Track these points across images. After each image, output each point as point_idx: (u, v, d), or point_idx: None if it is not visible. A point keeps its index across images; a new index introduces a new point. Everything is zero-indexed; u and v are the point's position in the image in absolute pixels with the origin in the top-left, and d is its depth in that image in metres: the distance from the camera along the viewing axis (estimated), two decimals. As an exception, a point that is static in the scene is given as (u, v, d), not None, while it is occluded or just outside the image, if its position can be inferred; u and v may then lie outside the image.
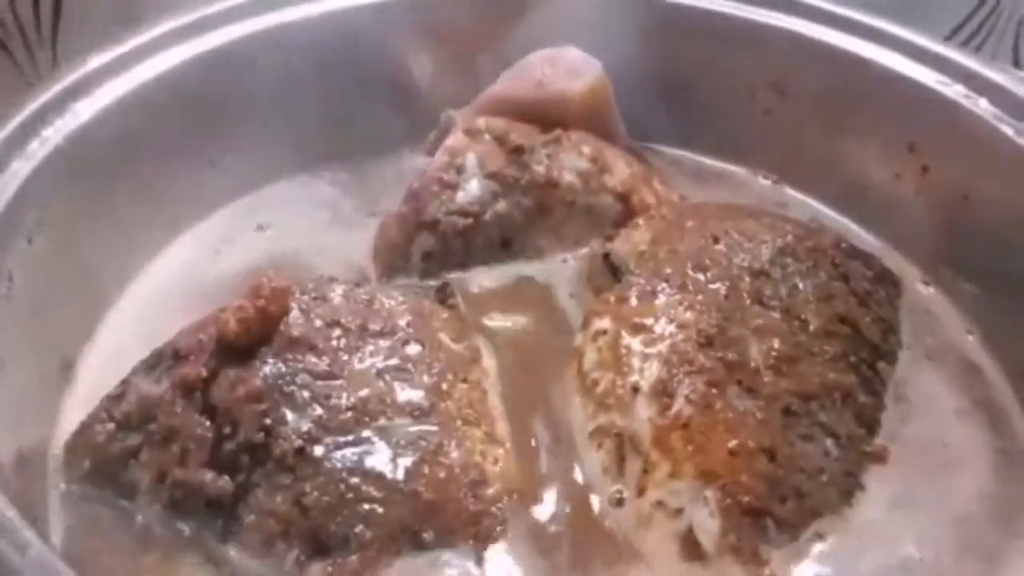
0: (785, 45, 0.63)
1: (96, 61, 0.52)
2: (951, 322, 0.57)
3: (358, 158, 0.68)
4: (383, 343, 0.48)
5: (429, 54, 0.69)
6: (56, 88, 0.49)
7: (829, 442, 0.46)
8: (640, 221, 0.57)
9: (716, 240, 0.53)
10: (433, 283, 0.57)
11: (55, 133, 0.47)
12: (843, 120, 0.63)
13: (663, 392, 0.46)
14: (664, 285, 0.50)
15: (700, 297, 0.50)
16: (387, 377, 0.47)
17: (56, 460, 0.45)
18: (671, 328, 0.48)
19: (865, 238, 0.62)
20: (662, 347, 0.47)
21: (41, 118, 0.47)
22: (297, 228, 0.62)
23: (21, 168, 0.45)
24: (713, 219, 0.56)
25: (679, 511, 0.43)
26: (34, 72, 0.66)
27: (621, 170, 0.60)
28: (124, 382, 0.46)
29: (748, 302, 0.50)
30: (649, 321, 0.49)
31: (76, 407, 0.47)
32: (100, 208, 0.51)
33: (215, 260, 0.58)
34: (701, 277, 0.51)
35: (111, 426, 0.45)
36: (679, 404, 0.45)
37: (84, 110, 0.50)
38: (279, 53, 0.62)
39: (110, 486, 0.44)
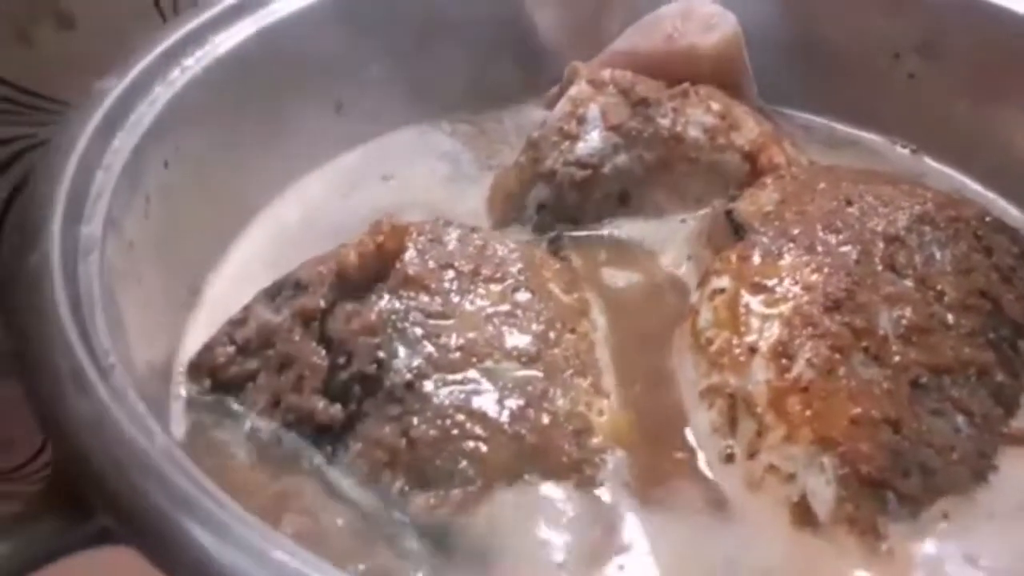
0: (937, 2, 0.59)
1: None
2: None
3: (479, 110, 0.68)
4: (494, 288, 0.48)
5: (556, 6, 0.68)
6: (197, 20, 0.51)
7: (961, 419, 0.44)
8: (768, 181, 0.54)
9: (849, 203, 0.50)
10: (546, 236, 0.57)
11: (195, 63, 0.49)
12: (997, 86, 0.58)
13: (783, 354, 0.44)
14: (791, 245, 0.48)
15: (829, 260, 0.47)
16: (496, 321, 0.47)
17: (180, 376, 0.47)
18: (796, 289, 0.46)
19: (1013, 214, 0.58)
20: (784, 308, 0.45)
21: (182, 48, 0.49)
22: (418, 180, 0.62)
23: (162, 94, 0.47)
24: (847, 182, 0.53)
25: (792, 476, 0.41)
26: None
27: (750, 128, 0.58)
28: (246, 308, 0.48)
29: (880, 268, 0.47)
30: (772, 281, 0.47)
31: (201, 328, 0.49)
32: (232, 140, 0.52)
33: (341, 203, 0.59)
34: (831, 239, 0.48)
35: (231, 349, 0.46)
36: (799, 367, 0.43)
37: (223, 42, 0.51)
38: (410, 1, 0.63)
39: (229, 402, 0.45)
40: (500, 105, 0.68)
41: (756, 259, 0.48)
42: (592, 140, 0.56)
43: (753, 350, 0.45)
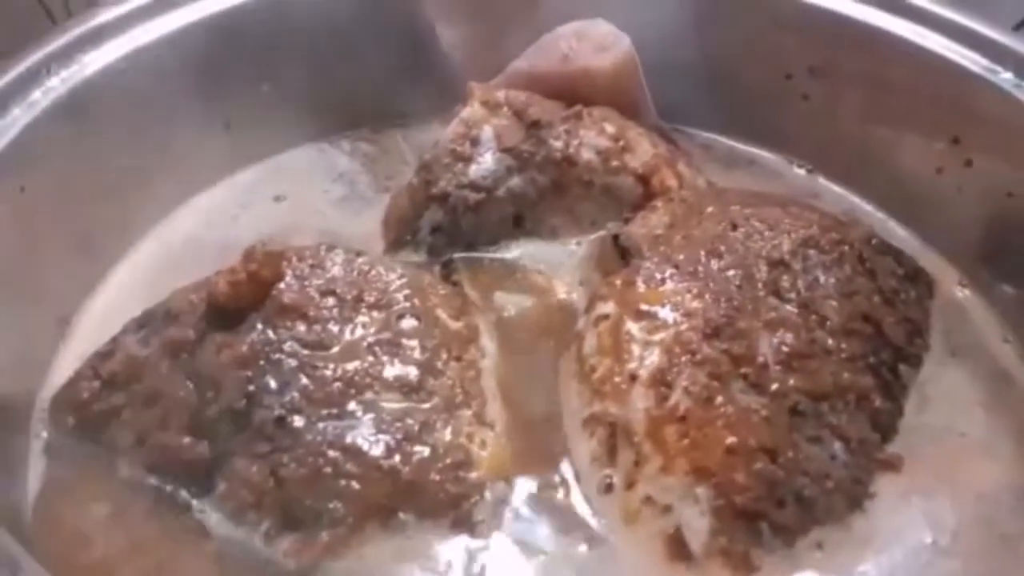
0: (828, 26, 0.60)
1: (109, 13, 0.51)
2: (987, 327, 0.54)
3: (381, 129, 0.66)
4: (377, 315, 0.47)
5: (458, 25, 0.67)
6: (64, 38, 0.48)
7: (838, 446, 0.44)
8: (658, 204, 0.54)
9: (734, 227, 0.50)
10: (439, 259, 0.55)
11: (60, 84, 0.47)
12: (884, 108, 0.59)
13: (661, 382, 0.43)
14: (673, 271, 0.48)
15: (711, 285, 0.47)
16: (378, 350, 0.45)
17: (42, 414, 0.45)
18: (676, 316, 0.46)
19: (901, 234, 0.59)
20: (665, 335, 0.45)
21: (46, 67, 0.47)
22: (312, 201, 0.61)
23: (20, 117, 0.44)
24: (735, 205, 0.53)
25: (668, 508, 0.41)
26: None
27: (644, 150, 0.57)
28: (114, 340, 0.46)
29: (763, 293, 0.47)
30: (654, 308, 0.46)
31: (70, 361, 0.47)
32: (106, 163, 0.50)
33: (229, 225, 0.58)
34: (714, 264, 0.48)
35: (96, 384, 0.44)
36: (677, 395, 0.43)
37: (92, 62, 0.49)
38: (305, 17, 0.61)
39: (92, 442, 0.43)
40: (403, 124, 0.67)
41: (640, 285, 0.48)
42: (485, 162, 0.56)
43: (634, 378, 0.44)
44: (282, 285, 0.46)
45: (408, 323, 0.47)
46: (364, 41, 0.64)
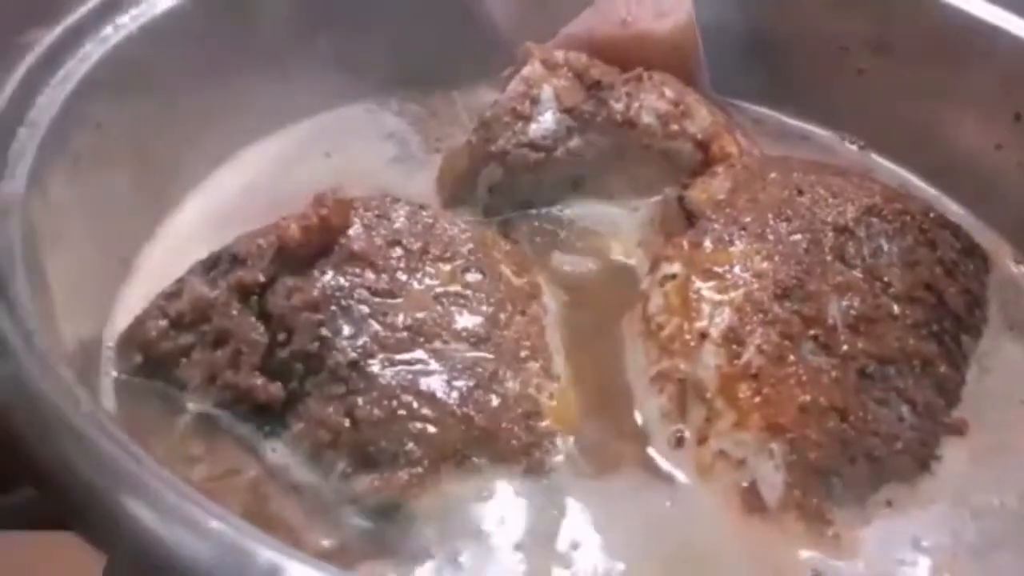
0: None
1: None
2: (1043, 303, 0.54)
3: (429, 90, 0.66)
4: (443, 267, 0.47)
5: (511, -12, 0.67)
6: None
7: (905, 409, 0.44)
8: (719, 169, 0.54)
9: (800, 192, 0.50)
10: (496, 218, 0.55)
11: (130, 21, 0.46)
12: (945, 84, 0.59)
13: (733, 340, 0.44)
14: (742, 233, 0.48)
15: (779, 248, 0.47)
16: (445, 301, 0.45)
17: (109, 352, 0.44)
18: (746, 276, 0.46)
19: (955, 210, 0.59)
20: (735, 295, 0.45)
21: (117, 3, 0.46)
22: (363, 159, 0.60)
23: (93, 51, 0.44)
24: (798, 172, 0.53)
25: (742, 462, 0.41)
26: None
27: (703, 117, 0.57)
28: (180, 281, 0.45)
29: (829, 258, 0.47)
30: (723, 268, 0.47)
31: (132, 301, 0.47)
32: (172, 106, 0.50)
33: (282, 177, 0.57)
34: (782, 228, 0.48)
35: (164, 323, 0.44)
36: (749, 353, 0.43)
37: (160, 2, 0.48)
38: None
39: (160, 380, 0.43)
40: (451, 86, 0.66)
41: (707, 246, 0.48)
42: (545, 122, 0.55)
43: (704, 336, 0.44)
44: (351, 233, 0.46)
45: (473, 276, 0.47)
46: (415, 2, 0.64)
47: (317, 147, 0.60)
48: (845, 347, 0.44)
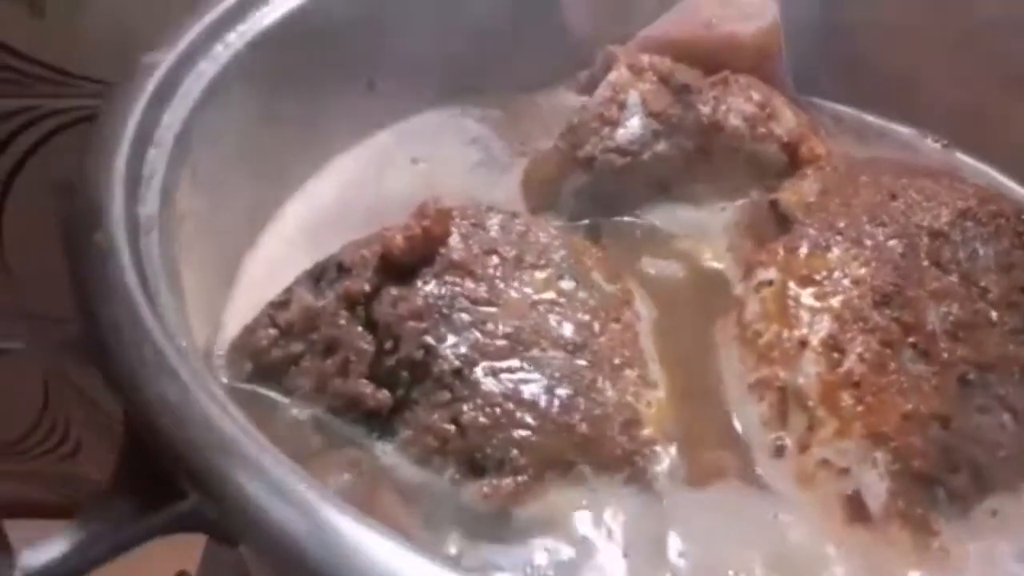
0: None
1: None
2: None
3: (509, 93, 0.67)
4: (538, 275, 0.48)
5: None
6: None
7: (1006, 417, 0.44)
8: (809, 171, 0.54)
9: (894, 196, 0.50)
10: (583, 223, 0.56)
11: (237, 39, 0.48)
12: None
13: (834, 347, 0.44)
14: (838, 238, 0.48)
15: (876, 253, 0.47)
16: (541, 309, 0.46)
17: (219, 360, 0.46)
18: (845, 283, 0.46)
19: (1048, 211, 0.58)
20: (834, 302, 0.45)
21: (225, 23, 0.48)
22: (449, 164, 0.61)
23: (207, 70, 0.46)
24: (888, 175, 0.53)
25: (845, 471, 0.41)
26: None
27: (789, 118, 0.57)
28: (288, 291, 0.47)
29: (925, 263, 0.47)
30: (821, 274, 0.47)
31: (239, 310, 0.48)
32: (272, 116, 0.51)
33: (374, 185, 0.58)
34: (877, 233, 0.48)
35: (274, 332, 0.46)
36: (851, 361, 0.43)
37: (263, 18, 0.50)
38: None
39: (271, 387, 0.45)
40: (531, 89, 0.67)
41: (803, 251, 0.48)
42: (632, 127, 0.56)
43: (803, 343, 0.45)
44: (450, 242, 0.47)
45: (567, 284, 0.48)
46: (495, 5, 0.64)
47: (404, 153, 0.61)
48: (945, 354, 0.44)
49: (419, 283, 0.45)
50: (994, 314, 0.46)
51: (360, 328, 0.45)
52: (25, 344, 0.85)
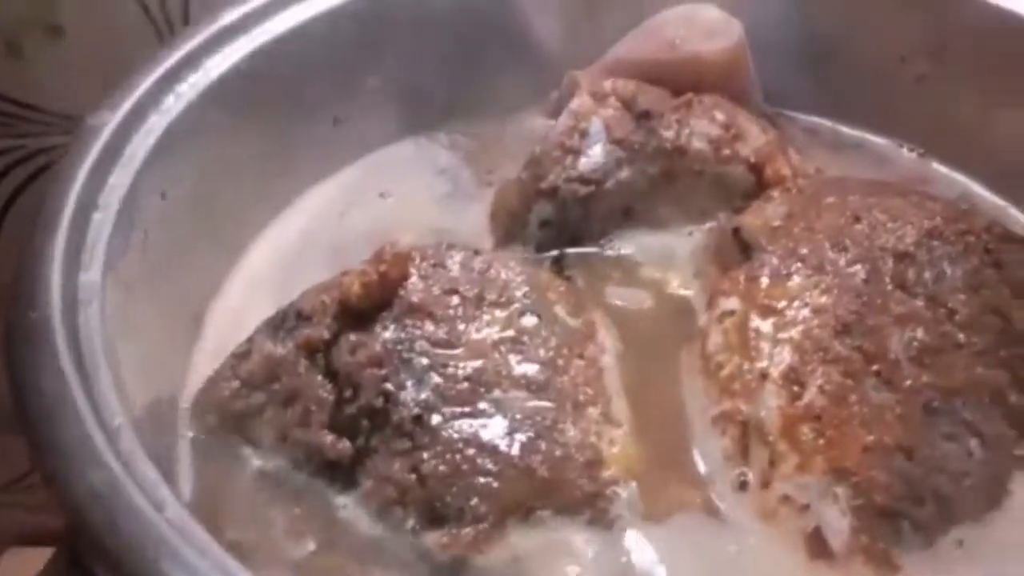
0: (945, 4, 0.58)
1: (226, 18, 0.52)
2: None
3: (477, 120, 0.66)
4: (499, 313, 0.47)
5: (553, 11, 0.66)
6: (189, 44, 0.49)
7: (974, 443, 0.43)
8: (774, 194, 0.53)
9: (858, 219, 0.50)
10: (549, 254, 0.56)
11: (189, 88, 0.48)
12: (1006, 89, 0.57)
13: (794, 380, 0.43)
14: (799, 265, 0.48)
15: (838, 280, 0.47)
16: (503, 348, 0.46)
17: (185, 412, 0.46)
18: (805, 312, 0.46)
19: (1022, 221, 0.57)
20: (794, 332, 0.45)
21: (176, 73, 0.48)
22: (416, 197, 0.61)
23: (157, 124, 0.46)
24: (855, 195, 0.52)
25: (806, 507, 0.41)
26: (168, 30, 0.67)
27: (756, 137, 0.57)
28: (249, 340, 0.47)
29: (890, 287, 0.47)
30: (781, 304, 0.46)
31: (205, 360, 0.49)
32: (230, 161, 0.51)
33: (339, 221, 0.58)
34: (840, 259, 0.48)
35: (236, 384, 0.46)
36: (811, 394, 0.43)
37: (217, 65, 0.50)
38: (403, 10, 0.61)
39: (235, 438, 0.45)
40: (498, 114, 0.66)
41: (765, 280, 0.48)
42: (595, 155, 0.55)
43: (764, 376, 0.44)
44: (409, 285, 0.47)
45: (529, 321, 0.48)
46: (458, 32, 0.64)
47: (371, 188, 0.61)
48: (909, 381, 0.44)
49: (378, 328, 0.45)
50: (961, 336, 0.46)
51: (320, 376, 0.45)
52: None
